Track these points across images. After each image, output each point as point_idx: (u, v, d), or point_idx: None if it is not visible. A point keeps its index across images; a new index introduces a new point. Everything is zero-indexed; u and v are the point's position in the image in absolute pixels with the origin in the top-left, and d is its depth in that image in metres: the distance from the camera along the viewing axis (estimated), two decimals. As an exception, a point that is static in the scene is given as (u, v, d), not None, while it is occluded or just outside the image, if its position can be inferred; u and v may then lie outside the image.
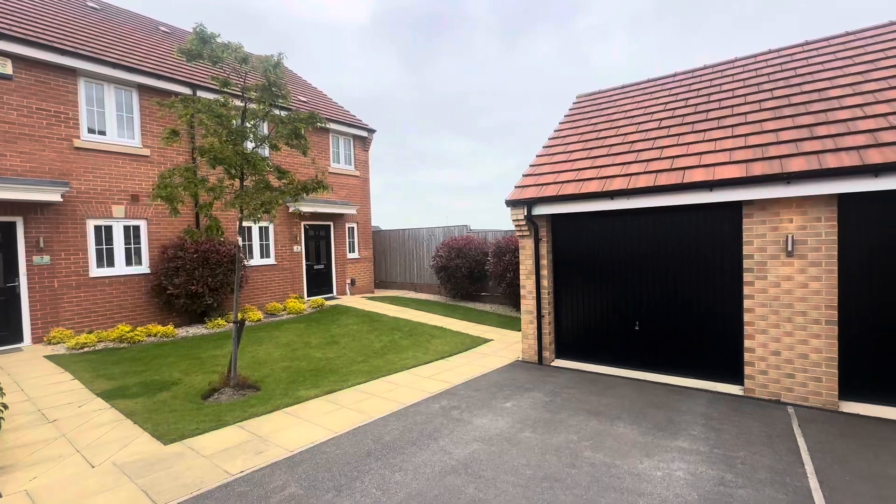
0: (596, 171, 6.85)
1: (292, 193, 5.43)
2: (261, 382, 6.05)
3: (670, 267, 6.29)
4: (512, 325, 10.12)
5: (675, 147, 6.61)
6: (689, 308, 6.16)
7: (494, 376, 6.50)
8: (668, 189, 5.83)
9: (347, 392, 5.75)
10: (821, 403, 5.16)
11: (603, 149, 7.50)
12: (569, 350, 7.31)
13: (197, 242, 9.73)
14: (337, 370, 6.71)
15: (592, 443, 4.15)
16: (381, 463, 3.79)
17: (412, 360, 7.32)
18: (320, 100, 15.42)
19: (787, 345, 5.36)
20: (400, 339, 8.75)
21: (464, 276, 12.78)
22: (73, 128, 8.85)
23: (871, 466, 3.67)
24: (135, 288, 9.59)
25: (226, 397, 5.48)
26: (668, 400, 5.37)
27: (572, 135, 8.57)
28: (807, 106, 6.16)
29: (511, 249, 11.28)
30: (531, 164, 8.03)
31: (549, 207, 6.89)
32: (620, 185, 6.27)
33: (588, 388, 5.89)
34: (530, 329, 7.39)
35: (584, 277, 7.11)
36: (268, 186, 5.33)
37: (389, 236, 16.55)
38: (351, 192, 14.81)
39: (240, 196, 4.94)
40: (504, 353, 7.93)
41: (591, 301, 7.06)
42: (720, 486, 3.37)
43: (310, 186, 5.56)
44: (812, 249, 5.21)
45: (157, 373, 6.46)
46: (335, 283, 14.29)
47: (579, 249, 7.14)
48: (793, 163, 5.18)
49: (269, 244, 12.41)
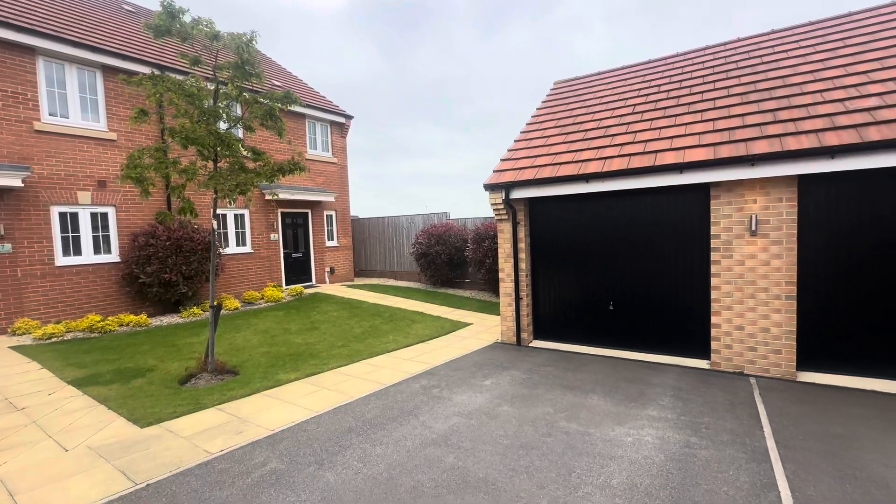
0: (572, 156, 6.98)
1: (268, 175, 5.34)
2: (239, 367, 6.01)
3: (643, 248, 6.50)
4: (491, 310, 10.27)
5: (648, 131, 6.78)
6: (660, 288, 6.40)
7: (474, 357, 6.62)
8: (640, 171, 6.00)
9: (328, 374, 5.77)
10: (780, 374, 5.47)
11: (579, 133, 7.64)
12: (546, 331, 7.50)
13: (170, 229, 9.49)
14: (317, 354, 6.71)
15: (567, 414, 4.31)
16: (363, 438, 3.85)
17: (393, 344, 7.37)
18: (296, 85, 15.09)
19: (750, 320, 5.65)
20: (380, 325, 8.78)
21: (444, 263, 12.86)
22: (33, 110, 8.45)
23: (822, 426, 3.94)
24: (104, 277, 9.30)
25: (203, 382, 5.42)
26: (641, 375, 5.59)
27: (549, 120, 8.67)
28: (771, 92, 6.41)
29: (490, 235, 11.39)
30: (509, 149, 8.11)
31: (527, 191, 7.00)
32: (595, 168, 6.41)
33: (564, 365, 6.08)
34: (509, 311, 7.53)
35: (560, 260, 7.28)
36: (242, 168, 5.23)
37: (369, 224, 16.45)
38: (328, 179, 14.62)
39: (214, 177, 4.83)
40: (483, 335, 8.06)
41: (567, 283, 7.24)
42: (685, 448, 3.56)
43: (286, 168, 5.49)
44: (774, 228, 5.47)
45: (130, 361, 6.33)
46: (314, 272, 14.16)
47: (556, 232, 7.29)
48: (757, 145, 5.41)
49: (246, 232, 12.18)
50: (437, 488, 3.07)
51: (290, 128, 13.30)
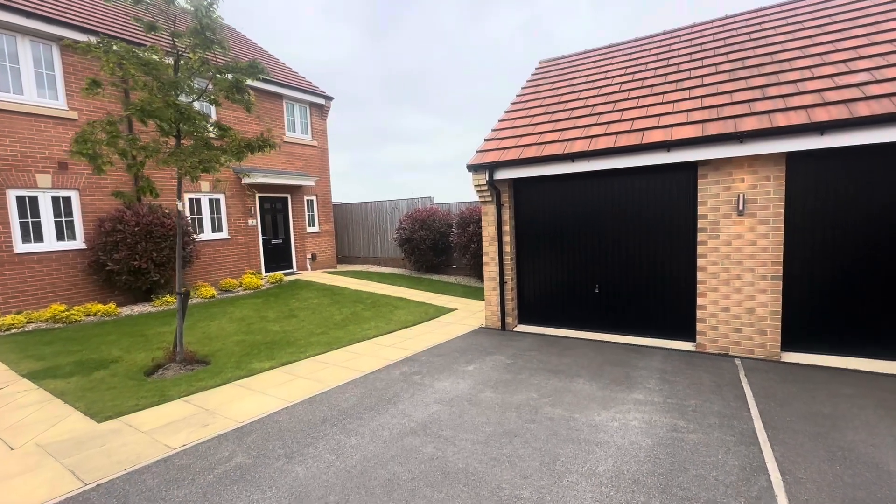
0: (558, 135, 6.76)
1: (234, 152, 4.99)
2: (211, 357, 5.72)
3: (629, 230, 6.36)
4: (476, 295, 10.12)
5: (634, 109, 6.59)
6: (646, 270, 6.28)
7: (457, 342, 6.45)
8: (627, 150, 5.82)
9: (305, 363, 5.53)
10: (765, 355, 5.42)
11: (565, 112, 7.41)
12: (531, 315, 7.36)
13: (139, 214, 9.03)
14: (294, 342, 6.45)
15: (552, 399, 4.16)
16: (337, 429, 3.64)
17: (374, 331, 7.15)
18: (272, 63, 14.48)
19: (735, 301, 5.57)
20: (362, 311, 8.54)
21: (428, 249, 12.62)
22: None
23: (809, 407, 3.87)
24: (69, 265, 8.83)
25: (171, 373, 5.13)
26: (626, 358, 5.49)
27: (534, 100, 8.42)
28: (760, 68, 6.25)
29: (475, 220, 11.18)
30: (493, 129, 7.85)
31: (511, 171, 6.77)
32: (581, 147, 6.21)
33: (549, 349, 5.95)
34: (493, 296, 7.36)
35: (546, 242, 7.11)
36: (207, 144, 4.86)
37: (352, 210, 16.07)
38: (308, 162, 14.16)
39: (175, 153, 4.47)
40: (468, 321, 7.90)
41: (553, 266, 7.09)
42: (673, 433, 3.45)
43: (255, 144, 5.13)
44: (761, 208, 5.36)
45: (94, 351, 5.99)
46: (295, 258, 13.79)
47: (541, 214, 7.10)
48: (745, 122, 5.26)
49: (222, 217, 11.73)
50: (414, 481, 2.89)
51: (267, 108, 12.79)
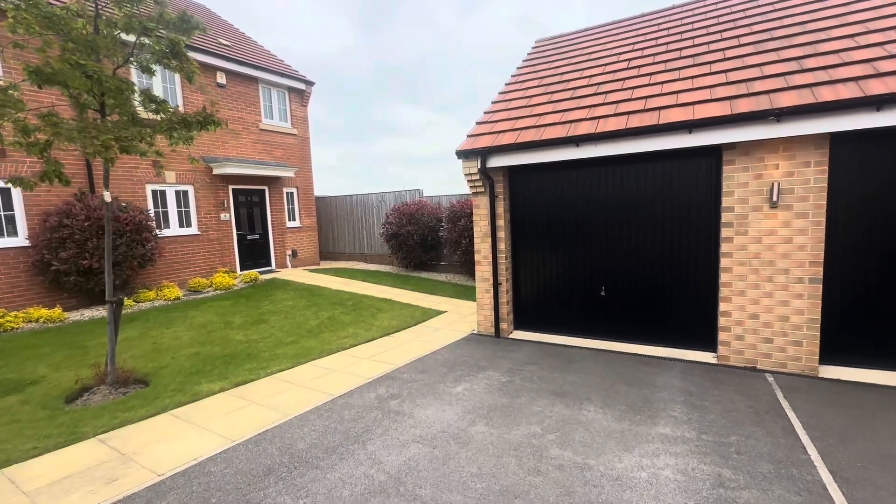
0: (559, 116, 5.93)
1: (165, 129, 4.06)
2: (154, 375, 4.84)
3: (641, 225, 5.57)
4: (468, 295, 9.31)
5: (647, 87, 5.77)
6: (660, 270, 5.50)
7: (445, 353, 5.64)
8: (641, 132, 5.00)
9: (263, 382, 4.68)
10: (800, 369, 4.68)
11: (566, 92, 6.57)
12: (529, 320, 6.56)
13: (89, 207, 8.06)
14: (257, 355, 5.59)
15: (559, 435, 3.37)
16: (284, 485, 2.81)
17: (351, 339, 6.31)
18: (248, 45, 13.43)
19: (766, 307, 4.81)
20: (341, 315, 7.69)
21: (416, 244, 11.77)
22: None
23: (878, 446, 3.12)
24: (10, 265, 7.84)
25: (99, 398, 4.26)
26: (640, 373, 4.71)
27: (532, 79, 7.57)
28: (790, 39, 5.46)
29: (466, 214, 10.35)
30: (485, 112, 6.99)
31: (506, 158, 5.93)
32: (587, 129, 5.38)
33: (550, 362, 5.15)
34: (486, 299, 6.55)
35: (545, 239, 6.30)
36: (134, 120, 3.94)
37: (336, 203, 15.14)
38: (288, 152, 13.19)
39: (83, 129, 3.55)
40: (458, 325, 7.09)
41: (553, 265, 6.28)
42: (719, 489, 2.66)
43: (192, 121, 4.21)
44: (799, 199, 4.58)
45: (15, 369, 5.07)
46: (273, 255, 12.86)
47: (540, 207, 6.28)
48: (783, 98, 4.46)
49: (191, 211, 10.75)
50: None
51: (241, 93, 11.78)
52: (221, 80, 11.25)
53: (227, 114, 11.39)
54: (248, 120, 11.99)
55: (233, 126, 11.57)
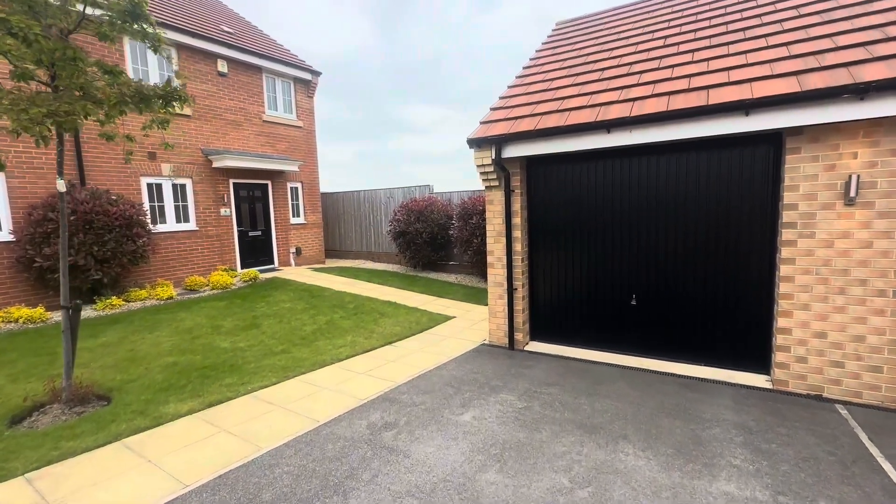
0: (586, 99, 5.18)
1: (115, 103, 3.42)
2: (119, 390, 4.25)
3: (679, 225, 4.81)
4: (479, 299, 8.60)
5: (690, 65, 4.99)
6: (701, 277, 4.73)
7: (452, 368, 4.95)
8: (686, 115, 4.23)
9: (240, 403, 4.05)
10: (879, 400, 3.88)
11: (594, 73, 5.81)
12: (547, 330, 5.83)
13: (76, 201, 7.56)
14: (240, 367, 4.97)
15: (594, 492, 2.65)
16: (235, 559, 2.16)
17: (348, 349, 5.66)
18: (252, 33, 12.90)
19: (837, 324, 4.01)
20: (340, 320, 7.05)
21: (425, 243, 11.09)
22: None
23: None
24: (-8, 260, 7.39)
25: (49, 419, 3.67)
26: (683, 401, 3.96)
27: (553, 62, 6.82)
28: (865, 6, 4.63)
29: (478, 211, 9.64)
30: (501, 97, 6.27)
31: (525, 147, 5.20)
32: (619, 112, 4.63)
33: (574, 383, 4.43)
34: (499, 305, 5.84)
35: (567, 239, 5.56)
36: (85, 93, 3.30)
37: (343, 199, 14.55)
38: (292, 145, 12.62)
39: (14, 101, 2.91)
40: (467, 333, 6.39)
41: (576, 269, 5.54)
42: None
43: (150, 94, 3.55)
44: (883, 195, 3.78)
45: (-30, 379, 4.54)
46: (276, 253, 12.31)
47: (562, 203, 5.55)
48: (867, 71, 3.65)
49: (188, 206, 10.24)
50: None
51: (243, 82, 11.22)
52: (223, 68, 10.70)
53: (227, 104, 10.87)
54: (251, 111, 11.45)
55: (234, 117, 11.04)
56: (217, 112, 10.65)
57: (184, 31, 9.74)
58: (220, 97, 10.72)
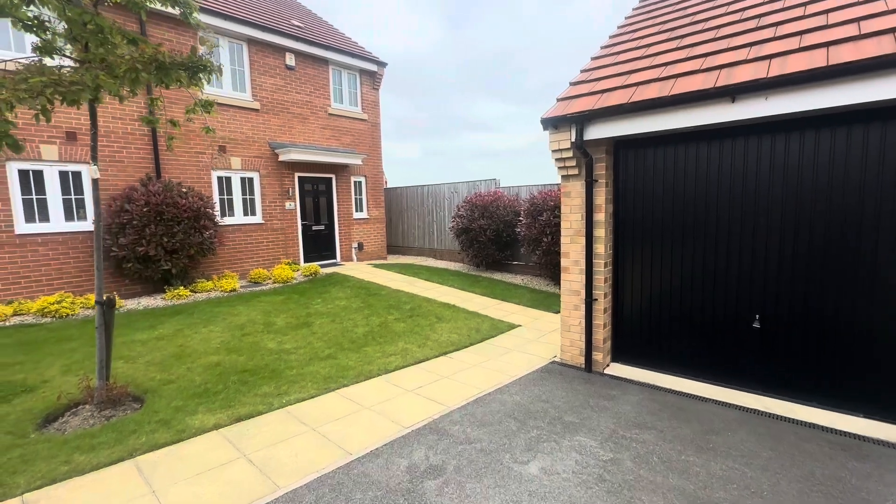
0: (699, 62, 4.06)
1: (124, 70, 2.99)
2: (154, 393, 3.98)
3: (826, 225, 3.55)
4: (548, 304, 7.64)
5: (850, 7, 3.68)
6: (856, 293, 3.44)
7: (516, 392, 4.13)
8: (854, 71, 3.01)
9: (271, 419, 3.57)
10: None
11: (707, 32, 4.63)
12: (634, 351, 4.78)
13: (149, 192, 7.77)
14: (281, 372, 4.55)
15: None
16: None
17: (398, 358, 5.06)
18: (321, 26, 12.87)
19: None
20: (394, 322, 6.50)
21: (489, 241, 10.28)
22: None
23: None
24: (79, 249, 7.81)
25: (78, 422, 3.44)
26: (844, 472, 2.80)
27: (649, 24, 5.67)
28: None
29: (549, 207, 8.65)
30: (583, 69, 5.27)
31: (614, 125, 4.21)
32: (750, 74, 3.49)
33: (677, 428, 3.40)
34: (574, 317, 4.90)
35: (665, 240, 4.47)
36: (108, 65, 2.93)
37: (406, 194, 14.17)
38: (357, 138, 12.41)
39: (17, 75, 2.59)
40: (535, 347, 5.52)
41: (675, 277, 4.44)
42: None
43: (167, 65, 3.06)
44: None
45: (28, 368, 4.56)
46: (339, 248, 12.20)
47: (660, 196, 4.47)
48: None
49: (255, 199, 10.35)
50: None
51: (310, 76, 11.14)
52: (290, 61, 10.68)
53: (294, 97, 10.84)
54: (317, 104, 11.36)
55: (300, 111, 11.01)
56: (284, 105, 10.66)
57: (253, 24, 9.78)
58: (288, 91, 10.71)
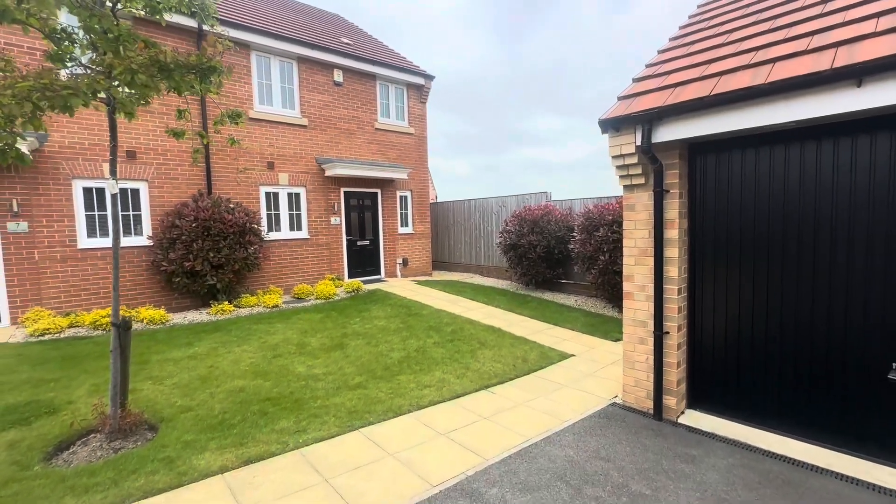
0: (805, 42, 3.26)
1: (120, 72, 2.72)
2: (170, 422, 3.72)
3: None
4: (606, 331, 6.80)
5: None
6: None
7: (569, 445, 3.44)
8: None
9: (281, 464, 3.14)
10: None
11: (810, 9, 3.80)
12: (717, 397, 3.91)
13: (198, 208, 7.90)
14: (305, 403, 4.16)
15: None
16: None
17: (433, 391, 4.51)
18: (369, 42, 12.95)
19: None
20: (433, 347, 5.99)
21: (539, 258, 9.56)
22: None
23: None
24: (133, 263, 8.08)
25: (85, 454, 3.21)
26: None
27: (729, 10, 4.87)
28: None
29: (606, 222, 7.83)
30: (648, 64, 4.57)
31: (690, 125, 3.48)
32: (884, 50, 2.67)
33: (787, 516, 2.56)
34: (640, 352, 4.12)
35: (757, 262, 3.62)
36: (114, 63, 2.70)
37: (453, 209, 13.76)
38: (403, 152, 12.23)
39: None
40: (590, 384, 4.76)
41: (771, 308, 3.56)
42: None
43: (170, 66, 2.77)
44: None
45: (58, 386, 4.51)
46: (383, 263, 11.97)
47: (749, 207, 3.64)
48: None
49: (301, 214, 10.38)
50: None
51: (357, 91, 11.13)
52: (338, 78, 10.73)
53: (341, 113, 10.85)
54: (364, 119, 11.31)
55: (347, 126, 11.00)
56: (331, 121, 10.69)
57: (303, 42, 9.92)
58: (335, 107, 10.75)
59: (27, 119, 2.41)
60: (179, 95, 3.15)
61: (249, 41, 9.20)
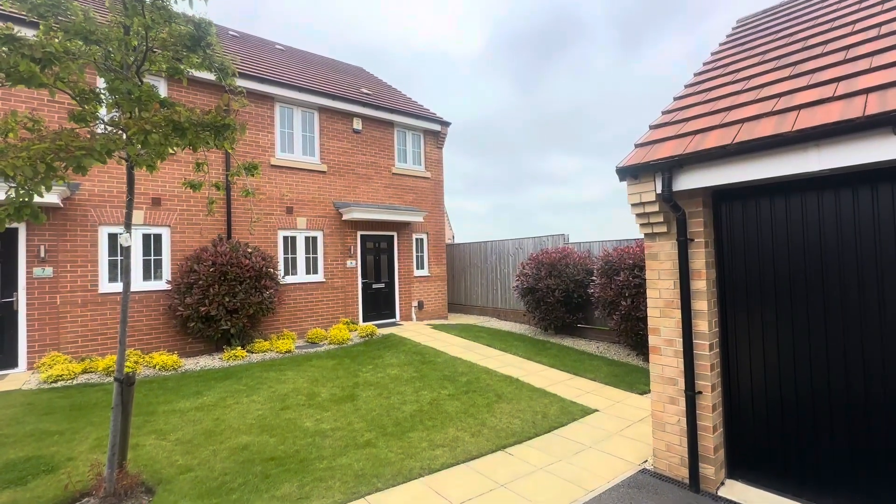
0: (830, 88, 3.15)
1: (133, 132, 2.68)
2: (166, 484, 3.52)
3: None
4: (630, 382, 6.40)
5: None
6: None
7: (596, 522, 3.08)
8: None
9: (281, 538, 2.89)
10: None
11: (831, 55, 3.72)
12: (763, 465, 3.52)
13: (216, 253, 8.00)
14: (310, 464, 3.92)
15: None
16: None
17: (446, 451, 4.21)
18: (388, 92, 13.46)
19: None
20: (447, 400, 5.70)
21: (557, 302, 9.27)
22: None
23: None
24: (151, 307, 8.14)
25: (76, 521, 3.02)
26: None
27: (744, 57, 4.84)
28: None
29: (627, 266, 7.60)
30: (664, 111, 4.51)
31: (714, 172, 3.35)
32: (920, 96, 2.52)
33: None
34: (671, 414, 3.79)
35: (793, 318, 3.34)
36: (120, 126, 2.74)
37: (469, 251, 13.69)
38: (420, 196, 12.36)
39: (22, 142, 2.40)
40: (617, 444, 4.39)
41: (816, 364, 3.24)
42: None
43: (185, 126, 2.76)
44: None
45: (62, 440, 4.38)
46: (398, 306, 11.82)
47: (783, 256, 3.41)
48: None
49: (318, 258, 10.42)
50: None
51: (376, 138, 11.45)
52: (357, 125, 11.08)
53: (360, 159, 11.12)
54: (381, 164, 11.56)
55: (365, 171, 11.23)
56: (350, 167, 10.94)
57: (325, 94, 10.35)
58: (354, 153, 11.03)
59: (40, 180, 2.46)
60: (195, 151, 3.21)
61: (273, 94, 9.64)
